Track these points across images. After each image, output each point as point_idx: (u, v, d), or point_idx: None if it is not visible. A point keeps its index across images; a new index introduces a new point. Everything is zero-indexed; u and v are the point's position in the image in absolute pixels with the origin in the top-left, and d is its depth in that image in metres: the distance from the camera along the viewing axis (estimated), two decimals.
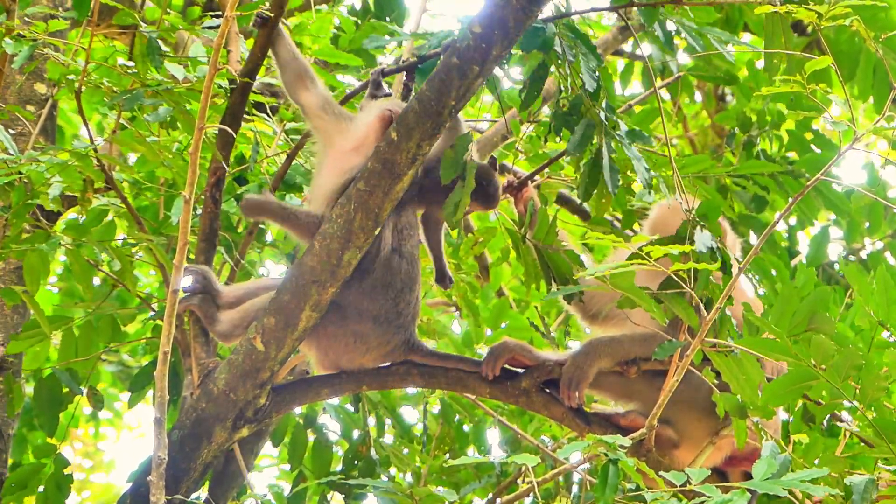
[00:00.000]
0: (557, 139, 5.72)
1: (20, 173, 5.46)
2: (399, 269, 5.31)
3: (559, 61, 5.29)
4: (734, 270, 5.07)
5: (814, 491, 4.35)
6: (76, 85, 5.72)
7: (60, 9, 6.77)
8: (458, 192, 5.17)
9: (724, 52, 5.63)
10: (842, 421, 5.33)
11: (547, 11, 5.30)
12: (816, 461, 4.77)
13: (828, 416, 5.03)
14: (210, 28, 6.07)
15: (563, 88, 5.31)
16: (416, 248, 5.40)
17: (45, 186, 5.55)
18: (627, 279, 4.86)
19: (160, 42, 5.79)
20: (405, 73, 5.66)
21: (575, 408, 5.42)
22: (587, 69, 5.24)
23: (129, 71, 5.78)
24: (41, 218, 6.21)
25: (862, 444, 5.02)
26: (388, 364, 5.46)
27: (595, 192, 5.33)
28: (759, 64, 8.72)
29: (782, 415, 5.50)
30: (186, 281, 5.53)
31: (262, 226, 6.79)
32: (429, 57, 5.43)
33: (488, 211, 5.55)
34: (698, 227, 4.99)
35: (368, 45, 5.77)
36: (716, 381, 5.03)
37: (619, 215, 6.65)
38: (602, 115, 5.27)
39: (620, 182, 6.14)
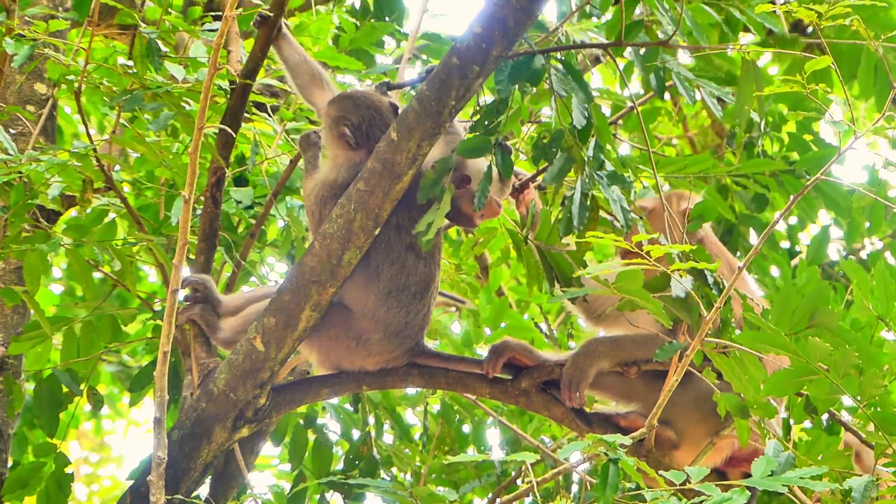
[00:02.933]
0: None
1: (20, 173, 5.46)
2: (414, 270, 5.30)
3: (551, 94, 5.27)
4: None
5: (814, 487, 4.34)
6: (76, 85, 5.71)
7: (60, 9, 6.77)
8: (431, 212, 5.15)
9: (715, 109, 5.62)
10: (842, 421, 5.33)
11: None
12: (819, 457, 4.77)
13: (827, 412, 5.02)
14: (211, 31, 6.07)
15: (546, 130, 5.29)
16: (437, 248, 5.37)
17: (44, 186, 5.55)
18: (635, 283, 4.84)
19: (160, 43, 5.79)
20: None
21: (576, 408, 5.42)
22: (578, 104, 5.22)
23: (129, 71, 5.78)
24: (41, 218, 6.21)
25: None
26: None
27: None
28: (760, 64, 8.72)
29: (783, 414, 5.50)
30: (187, 291, 5.55)
31: (262, 227, 6.79)
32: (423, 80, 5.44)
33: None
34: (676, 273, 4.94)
35: (381, 69, 5.75)
36: (717, 382, 5.02)
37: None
38: (589, 152, 5.24)
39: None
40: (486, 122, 5.15)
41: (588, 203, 5.20)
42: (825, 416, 5.13)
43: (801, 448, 4.80)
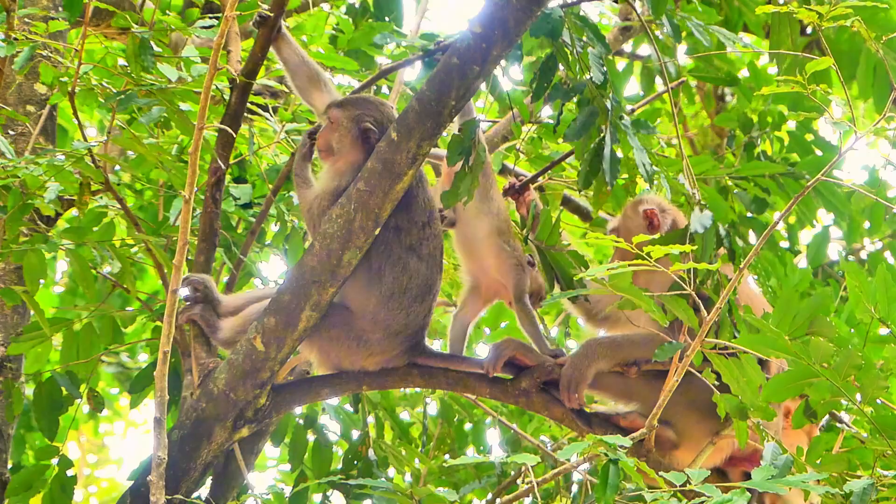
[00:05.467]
0: (555, 137, 5.69)
1: (16, 177, 5.44)
2: (417, 272, 5.30)
3: (567, 50, 5.26)
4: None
5: (814, 490, 4.35)
6: (69, 88, 5.68)
7: (60, 9, 6.75)
8: (464, 175, 5.13)
9: (732, 48, 5.61)
10: (841, 422, 5.33)
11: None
12: (818, 461, 4.77)
13: (827, 414, 5.02)
14: (205, 27, 6.05)
15: (568, 78, 5.28)
16: (438, 250, 5.38)
17: (41, 190, 5.55)
18: (625, 280, 4.85)
19: (153, 43, 5.77)
20: None
21: (575, 409, 5.42)
22: (594, 59, 5.20)
23: (123, 71, 5.77)
24: (38, 222, 6.20)
25: (860, 443, 5.02)
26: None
27: (595, 182, 5.30)
28: (758, 65, 8.73)
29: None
30: (187, 290, 5.54)
31: (262, 225, 6.79)
32: (431, 53, 5.43)
33: None
34: (697, 208, 4.95)
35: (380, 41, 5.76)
36: (716, 383, 5.02)
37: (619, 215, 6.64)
38: (608, 103, 5.23)
39: (620, 173, 6.16)
40: (545, 83, 5.21)
41: (617, 157, 5.20)
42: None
43: (800, 450, 4.80)
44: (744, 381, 4.82)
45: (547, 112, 7.53)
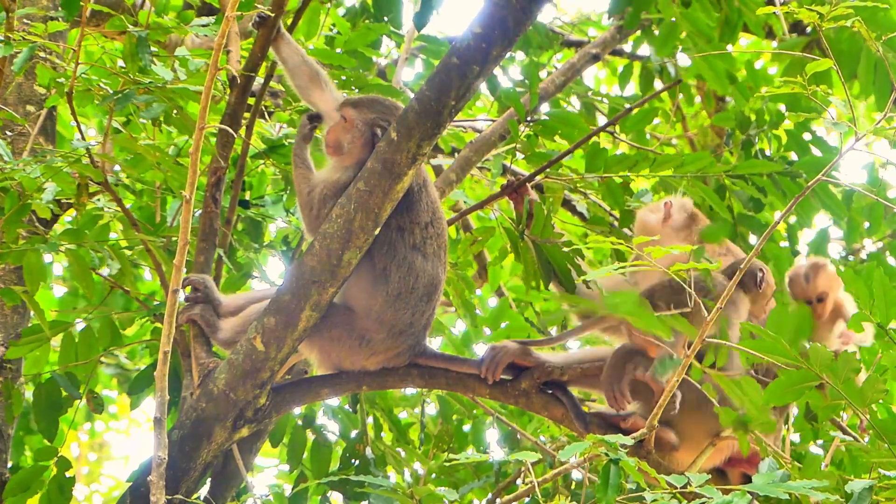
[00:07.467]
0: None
1: (13, 179, 5.43)
2: (423, 271, 5.30)
3: None
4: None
5: (814, 496, 4.35)
6: (66, 88, 5.66)
7: (59, 9, 6.74)
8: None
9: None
10: (840, 429, 5.34)
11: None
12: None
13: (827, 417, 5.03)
14: (203, 26, 6.04)
15: None
16: (443, 249, 5.39)
17: (38, 192, 5.54)
18: (629, 302, 4.85)
19: (150, 43, 5.76)
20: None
21: (578, 411, 5.41)
22: None
23: (121, 71, 5.76)
24: (37, 224, 6.19)
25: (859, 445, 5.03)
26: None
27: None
28: (757, 65, 8.73)
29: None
30: (187, 291, 5.54)
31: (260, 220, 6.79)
32: None
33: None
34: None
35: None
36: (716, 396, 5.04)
37: (618, 214, 6.65)
38: None
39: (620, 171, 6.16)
40: None
41: None
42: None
43: (794, 468, 4.80)
44: (744, 397, 4.83)
45: (545, 109, 7.53)
